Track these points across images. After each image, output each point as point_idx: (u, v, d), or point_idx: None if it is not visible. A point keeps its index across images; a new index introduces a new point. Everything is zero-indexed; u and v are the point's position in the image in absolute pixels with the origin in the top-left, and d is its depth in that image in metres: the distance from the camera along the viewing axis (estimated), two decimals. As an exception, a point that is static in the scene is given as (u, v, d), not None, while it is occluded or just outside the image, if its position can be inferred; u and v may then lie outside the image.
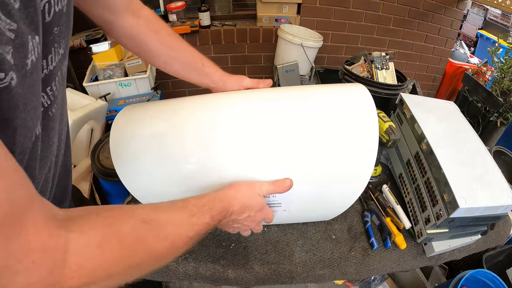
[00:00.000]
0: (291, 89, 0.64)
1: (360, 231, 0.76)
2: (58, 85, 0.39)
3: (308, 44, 1.71)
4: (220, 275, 0.68)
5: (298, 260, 0.70)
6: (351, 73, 1.16)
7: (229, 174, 0.58)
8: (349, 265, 0.70)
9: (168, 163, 0.58)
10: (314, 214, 0.71)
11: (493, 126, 1.67)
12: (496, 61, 1.82)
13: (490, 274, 0.92)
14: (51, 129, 0.39)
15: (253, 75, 2.35)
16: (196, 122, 0.57)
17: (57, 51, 0.36)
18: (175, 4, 2.01)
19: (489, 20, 2.97)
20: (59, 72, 0.38)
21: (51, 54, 0.35)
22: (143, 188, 0.63)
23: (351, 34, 2.17)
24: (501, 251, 1.04)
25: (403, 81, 1.18)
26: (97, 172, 1.24)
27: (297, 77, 1.74)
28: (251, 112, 0.58)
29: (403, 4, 2.05)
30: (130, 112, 0.64)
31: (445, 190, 0.63)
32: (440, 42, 2.24)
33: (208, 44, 2.15)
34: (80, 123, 1.24)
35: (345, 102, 0.59)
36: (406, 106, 0.82)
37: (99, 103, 1.42)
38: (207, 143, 0.57)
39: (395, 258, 0.71)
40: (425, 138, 0.72)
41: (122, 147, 0.61)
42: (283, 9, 2.04)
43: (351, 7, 2.05)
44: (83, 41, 1.90)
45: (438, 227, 0.66)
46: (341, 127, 0.57)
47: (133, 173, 0.61)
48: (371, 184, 0.86)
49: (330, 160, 0.57)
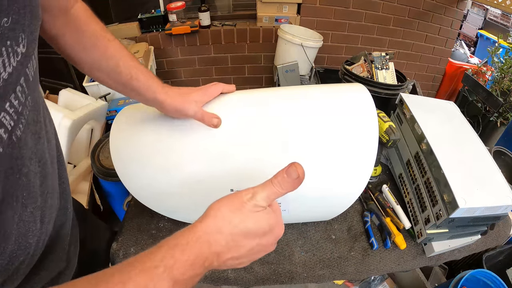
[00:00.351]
0: (291, 89, 0.64)
1: (360, 231, 0.76)
2: (22, 98, 0.29)
3: (308, 44, 1.71)
4: (220, 275, 0.68)
5: (298, 260, 0.70)
6: (351, 73, 1.16)
7: (229, 174, 0.58)
8: (349, 265, 0.70)
9: (168, 163, 0.58)
10: (314, 214, 0.71)
11: (493, 126, 1.67)
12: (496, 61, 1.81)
13: (490, 274, 0.92)
14: (19, 158, 0.30)
15: (253, 75, 2.36)
16: (196, 122, 0.57)
17: (13, 51, 0.27)
18: (175, 4, 2.01)
19: (489, 20, 2.97)
20: (22, 79, 0.29)
21: (2, 56, 0.25)
22: (143, 188, 0.63)
23: (351, 34, 2.17)
24: (501, 251, 1.05)
25: (403, 81, 1.18)
26: (97, 172, 1.24)
27: (297, 77, 1.74)
28: (251, 112, 0.58)
29: (403, 4, 2.05)
30: (130, 112, 0.64)
31: (445, 190, 0.63)
32: (440, 42, 2.24)
33: (208, 44, 2.15)
34: (80, 123, 1.24)
35: (345, 102, 0.59)
36: (406, 106, 0.82)
37: (99, 103, 1.42)
38: (207, 143, 0.57)
39: (395, 258, 0.71)
40: (425, 138, 0.72)
41: (122, 147, 0.61)
42: (283, 9, 2.04)
43: (351, 7, 2.05)
44: (83, 41, 1.90)
45: (438, 227, 0.66)
46: (341, 127, 0.57)
47: (133, 173, 0.61)
48: (371, 184, 0.86)
49: (330, 160, 0.57)
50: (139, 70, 0.51)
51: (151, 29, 2.05)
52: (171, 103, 0.53)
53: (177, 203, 0.65)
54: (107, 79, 0.51)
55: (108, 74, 0.50)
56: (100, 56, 0.49)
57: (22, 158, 0.31)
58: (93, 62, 0.49)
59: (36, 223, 0.35)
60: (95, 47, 0.48)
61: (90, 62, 0.49)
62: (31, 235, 0.34)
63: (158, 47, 2.10)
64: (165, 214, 0.71)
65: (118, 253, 0.69)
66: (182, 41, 2.12)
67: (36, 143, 0.34)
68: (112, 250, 0.69)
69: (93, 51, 0.48)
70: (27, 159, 0.32)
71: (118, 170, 0.61)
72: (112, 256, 0.69)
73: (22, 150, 0.31)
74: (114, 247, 0.70)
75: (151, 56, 1.90)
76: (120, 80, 0.51)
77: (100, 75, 0.51)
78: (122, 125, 0.62)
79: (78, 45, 0.47)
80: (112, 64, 0.50)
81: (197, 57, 2.22)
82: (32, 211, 0.34)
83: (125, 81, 0.51)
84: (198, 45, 2.15)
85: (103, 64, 0.49)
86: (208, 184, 0.59)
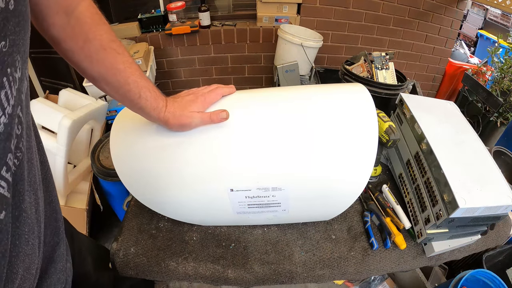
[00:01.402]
0: (291, 89, 0.64)
1: (360, 231, 0.76)
2: (19, 129, 0.26)
3: (308, 44, 1.71)
4: (220, 275, 0.68)
5: (298, 260, 0.70)
6: (351, 73, 1.16)
7: (230, 174, 0.58)
8: (349, 265, 0.70)
9: (168, 163, 0.58)
10: (314, 214, 0.71)
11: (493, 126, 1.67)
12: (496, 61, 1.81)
13: (490, 274, 0.92)
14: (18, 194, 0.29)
15: (253, 75, 2.36)
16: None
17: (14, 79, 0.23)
18: (175, 4, 2.01)
19: (489, 20, 2.97)
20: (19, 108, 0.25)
21: (4, 88, 0.21)
22: (143, 188, 0.63)
23: (351, 34, 2.17)
24: (501, 251, 1.05)
25: (403, 81, 1.18)
26: (97, 172, 1.24)
27: (297, 77, 1.74)
28: (251, 113, 0.58)
29: (403, 4, 2.05)
30: (131, 112, 0.64)
31: (445, 190, 0.63)
32: (440, 42, 2.24)
33: (208, 44, 2.15)
34: (80, 123, 1.24)
35: (345, 102, 0.59)
36: (406, 106, 0.82)
37: (99, 103, 1.42)
38: (207, 143, 0.57)
39: (395, 258, 0.71)
40: (425, 138, 0.72)
41: (122, 147, 0.61)
42: (283, 9, 2.04)
43: (351, 7, 2.05)
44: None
45: (438, 227, 0.66)
46: (341, 127, 0.57)
47: (133, 173, 0.61)
48: (371, 184, 0.86)
49: (330, 160, 0.57)
50: (148, 89, 0.50)
51: (151, 29, 2.05)
52: (174, 123, 0.54)
53: (177, 203, 0.65)
54: (114, 93, 0.49)
55: (116, 90, 0.48)
56: (107, 71, 0.46)
57: (20, 194, 0.29)
58: (99, 75, 0.46)
59: (36, 253, 0.34)
60: (102, 61, 0.45)
61: (96, 75, 0.47)
62: (33, 265, 0.34)
63: (158, 47, 2.10)
64: (165, 214, 0.71)
65: (118, 253, 0.69)
66: (182, 41, 2.12)
67: (30, 171, 0.31)
68: (112, 250, 0.69)
69: (99, 65, 0.45)
70: (26, 192, 0.30)
71: (118, 170, 0.61)
72: (112, 256, 0.69)
73: (19, 185, 0.28)
74: (114, 247, 0.70)
75: (151, 56, 1.90)
76: (128, 97, 0.49)
77: (107, 88, 0.49)
78: (123, 125, 0.62)
79: (82, 54, 0.44)
80: (121, 81, 0.47)
81: (197, 57, 2.22)
82: (32, 242, 0.32)
83: (133, 99, 0.50)
84: (198, 45, 2.15)
85: (111, 79, 0.47)
86: (208, 184, 0.59)
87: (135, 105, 0.51)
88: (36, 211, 0.34)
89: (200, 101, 0.55)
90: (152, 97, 0.51)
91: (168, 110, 0.53)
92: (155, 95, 0.51)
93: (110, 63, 0.45)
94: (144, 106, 0.51)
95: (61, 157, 1.17)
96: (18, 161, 0.27)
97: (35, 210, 0.34)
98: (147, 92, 0.50)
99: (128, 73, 0.47)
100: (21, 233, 0.30)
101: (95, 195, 1.37)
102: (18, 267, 0.29)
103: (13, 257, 0.28)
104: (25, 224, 0.30)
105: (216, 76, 2.34)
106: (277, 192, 0.60)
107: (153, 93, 0.51)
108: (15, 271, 0.28)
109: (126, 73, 0.47)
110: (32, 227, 0.32)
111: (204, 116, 0.54)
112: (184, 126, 0.55)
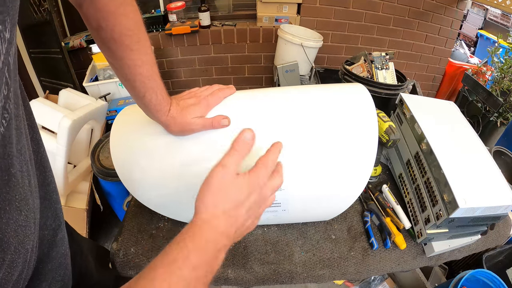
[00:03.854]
0: (291, 89, 0.64)
1: (360, 231, 0.76)
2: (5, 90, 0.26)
3: (308, 44, 1.71)
4: (220, 275, 0.68)
5: (298, 260, 0.70)
6: (351, 73, 1.16)
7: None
8: (349, 265, 0.70)
9: (168, 163, 0.58)
10: (314, 214, 0.71)
11: (493, 126, 1.67)
12: (496, 61, 1.82)
13: (490, 274, 0.92)
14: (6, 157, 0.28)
15: (253, 75, 2.36)
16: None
17: (3, 37, 0.23)
18: (175, 4, 2.02)
19: (489, 20, 2.97)
20: (6, 68, 0.25)
21: None
22: (143, 188, 0.63)
23: (351, 34, 2.17)
24: (501, 251, 1.04)
25: (403, 81, 1.18)
26: (97, 172, 1.24)
27: (297, 77, 1.74)
28: (250, 113, 0.58)
29: (403, 4, 2.05)
30: (131, 112, 0.64)
31: (445, 190, 0.63)
32: (440, 42, 2.24)
33: (208, 44, 2.15)
34: (80, 123, 1.24)
35: (345, 102, 0.59)
36: (406, 106, 0.82)
37: (99, 103, 1.42)
38: (207, 143, 0.57)
39: (395, 258, 0.71)
40: (425, 138, 0.72)
41: (122, 147, 0.61)
42: (283, 9, 2.04)
43: (351, 7, 2.05)
44: (83, 41, 1.90)
45: (438, 227, 0.66)
46: (340, 127, 0.57)
47: (133, 173, 0.61)
48: (371, 184, 0.86)
49: (329, 160, 0.57)
50: (154, 91, 0.49)
51: (151, 29, 2.05)
52: (175, 129, 0.54)
53: (177, 203, 0.65)
54: (121, 80, 0.49)
55: (123, 79, 0.48)
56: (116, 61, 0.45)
57: (9, 156, 0.28)
58: (109, 59, 0.46)
59: (31, 227, 0.33)
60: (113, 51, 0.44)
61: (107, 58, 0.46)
62: (28, 240, 0.33)
63: (158, 47, 2.10)
64: (165, 214, 0.71)
65: (118, 253, 0.69)
66: (182, 41, 2.12)
67: (19, 140, 0.31)
68: (112, 250, 0.69)
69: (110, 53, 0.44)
70: (14, 157, 0.29)
71: (118, 170, 0.61)
72: (112, 256, 0.69)
73: (7, 148, 0.28)
74: (114, 247, 0.70)
75: (151, 56, 1.90)
76: (132, 91, 0.50)
77: (116, 72, 0.48)
78: (123, 125, 0.62)
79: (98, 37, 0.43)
80: (129, 76, 0.47)
81: (197, 57, 2.22)
82: (26, 214, 0.32)
83: (137, 95, 0.50)
84: (198, 45, 2.15)
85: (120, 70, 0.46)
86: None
87: (138, 100, 0.51)
88: (29, 184, 0.33)
89: (203, 105, 0.55)
90: (157, 100, 0.50)
91: (171, 115, 0.52)
92: (161, 98, 0.50)
93: (120, 56, 0.44)
94: (147, 105, 0.51)
95: (61, 157, 1.17)
96: (5, 122, 0.27)
97: (28, 182, 0.33)
98: (153, 94, 0.49)
99: (137, 72, 0.46)
100: (11, 198, 0.29)
101: (95, 195, 1.37)
102: (9, 236, 0.29)
103: (3, 224, 0.28)
104: (15, 191, 0.30)
105: (216, 76, 2.34)
106: (277, 192, 0.60)
107: (159, 96, 0.50)
108: (6, 240, 0.28)
109: (134, 71, 0.46)
110: (26, 197, 0.32)
111: (206, 123, 0.54)
112: (184, 132, 0.55)
